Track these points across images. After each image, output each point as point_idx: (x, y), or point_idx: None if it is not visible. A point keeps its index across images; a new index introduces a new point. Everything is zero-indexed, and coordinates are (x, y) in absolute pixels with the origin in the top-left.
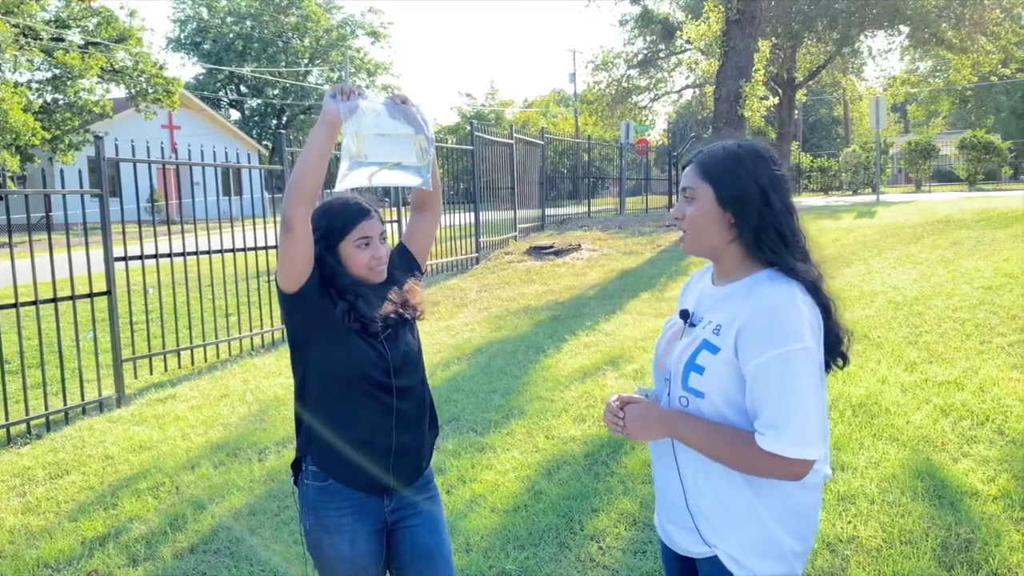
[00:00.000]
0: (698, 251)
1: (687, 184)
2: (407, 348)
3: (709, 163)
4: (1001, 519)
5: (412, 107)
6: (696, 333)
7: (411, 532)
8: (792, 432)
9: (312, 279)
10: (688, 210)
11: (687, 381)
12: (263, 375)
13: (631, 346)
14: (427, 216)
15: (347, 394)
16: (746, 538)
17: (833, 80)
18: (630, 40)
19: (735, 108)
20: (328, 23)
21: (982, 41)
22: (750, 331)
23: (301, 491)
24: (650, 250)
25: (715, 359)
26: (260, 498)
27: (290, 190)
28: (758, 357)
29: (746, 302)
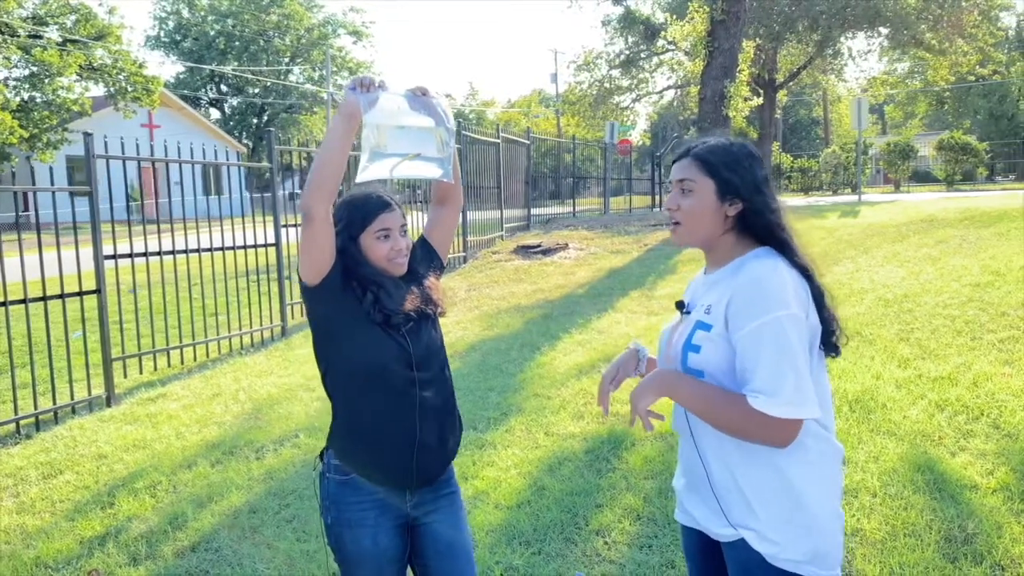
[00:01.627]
0: (691, 242)
1: (685, 176)
2: (429, 342)
3: (709, 157)
4: (1001, 511)
5: (433, 98)
6: (691, 318)
7: (433, 528)
8: (783, 393)
9: (334, 272)
10: (685, 202)
11: (686, 361)
12: (254, 374)
13: (625, 344)
14: (448, 209)
15: (370, 388)
16: (772, 511)
17: (813, 81)
18: (612, 40)
19: (720, 108)
20: (309, 22)
21: (960, 42)
22: (737, 302)
23: (322, 484)
24: (637, 249)
25: (709, 336)
26: (260, 496)
27: (310, 183)
28: (746, 326)
29: (733, 279)
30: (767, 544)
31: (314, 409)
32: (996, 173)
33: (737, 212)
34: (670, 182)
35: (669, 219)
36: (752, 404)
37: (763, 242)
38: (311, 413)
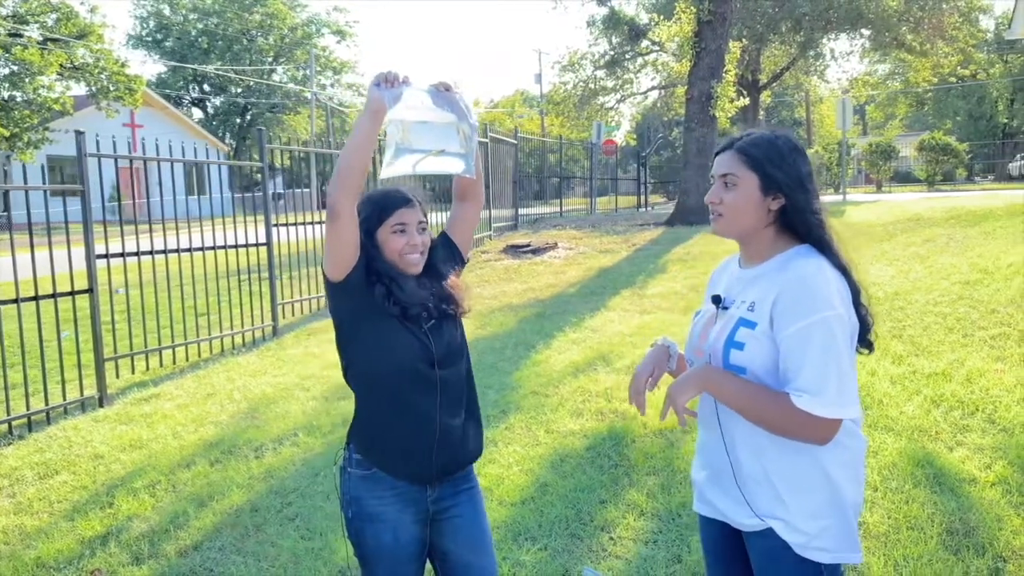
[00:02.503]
0: (730, 234)
1: (728, 170)
2: (451, 340)
3: (753, 151)
4: (1001, 504)
5: (456, 94)
6: (731, 313)
7: (454, 523)
8: (827, 393)
9: (358, 268)
10: (728, 196)
11: (728, 358)
12: (248, 374)
13: (620, 342)
14: (469, 205)
15: (392, 383)
16: (804, 502)
17: (796, 82)
18: (596, 41)
19: (707, 108)
20: (293, 21)
21: (941, 44)
22: (783, 301)
23: (343, 479)
24: (626, 248)
25: (753, 334)
26: (262, 495)
27: (336, 179)
28: (792, 325)
29: (778, 276)
30: (796, 534)
31: (311, 408)
32: (975, 173)
33: (779, 207)
34: (712, 176)
35: (711, 211)
36: (796, 403)
37: (802, 239)
38: (308, 412)
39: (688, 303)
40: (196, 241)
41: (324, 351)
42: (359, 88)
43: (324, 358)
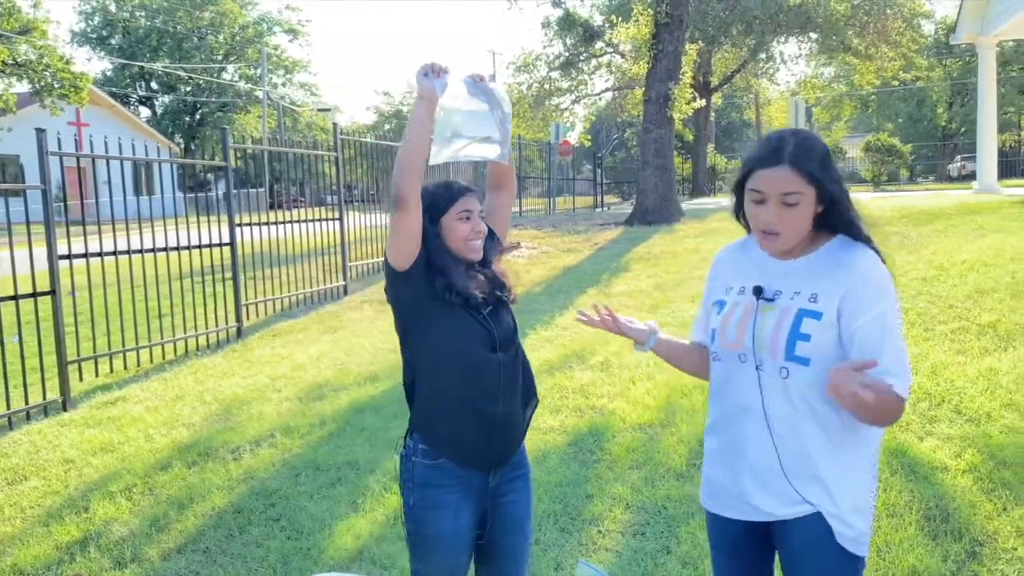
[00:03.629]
0: (787, 248)
1: (791, 189)
2: (507, 325)
3: (810, 165)
4: (973, 491)
5: (490, 84)
6: (784, 305)
7: (509, 507)
8: (906, 375)
9: (421, 257)
10: (789, 215)
11: (794, 350)
12: (216, 375)
13: (591, 340)
14: (504, 194)
15: (455, 371)
16: (852, 496)
17: (746, 84)
18: (551, 42)
19: (664, 110)
20: (244, 19)
21: (885, 48)
22: (856, 293)
23: (406, 467)
24: (588, 248)
25: (820, 324)
26: (243, 496)
27: (400, 168)
28: (867, 313)
29: (840, 269)
30: (843, 526)
31: (286, 409)
32: (917, 174)
33: (823, 212)
34: (756, 191)
35: (764, 229)
36: (895, 390)
37: (836, 230)
38: (283, 413)
39: (654, 301)
40: (151, 242)
41: (292, 352)
42: (312, 87)
43: (293, 359)
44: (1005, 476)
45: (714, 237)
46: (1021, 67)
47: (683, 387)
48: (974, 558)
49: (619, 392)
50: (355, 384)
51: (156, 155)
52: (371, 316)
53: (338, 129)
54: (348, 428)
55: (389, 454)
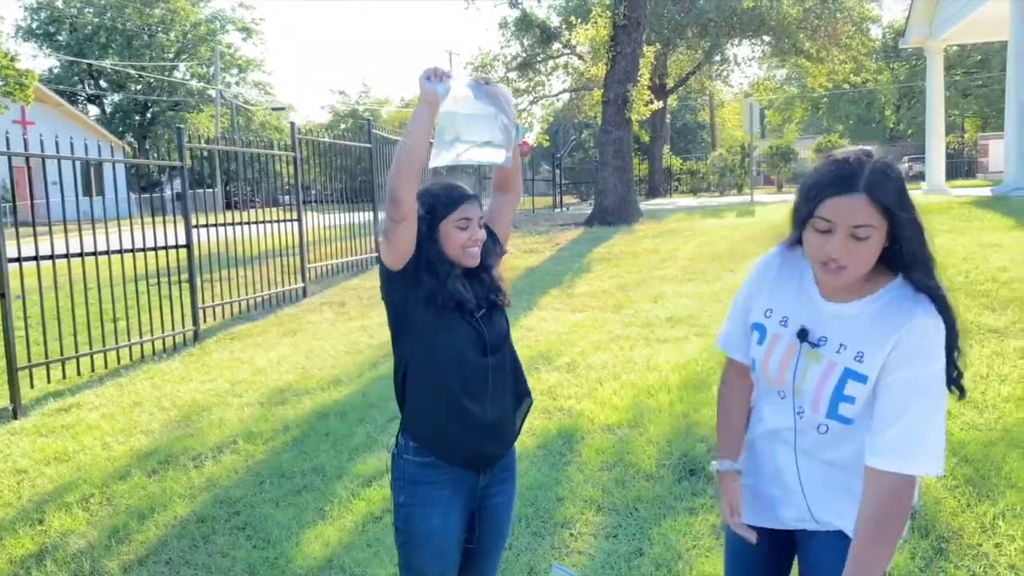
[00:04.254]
0: (847, 283)
1: (863, 222)
2: (500, 329)
3: (887, 198)
4: (937, 488)
5: (496, 87)
6: (828, 357)
7: (494, 509)
8: (919, 457)
9: (415, 258)
10: (857, 249)
11: (837, 411)
12: (174, 380)
13: (556, 341)
14: (510, 196)
15: (446, 372)
16: None
17: (701, 86)
18: (508, 43)
19: (623, 111)
20: (196, 17)
21: (836, 51)
22: (898, 353)
23: (397, 465)
24: (549, 248)
25: (864, 388)
26: (206, 505)
27: (399, 169)
28: (897, 373)
29: (891, 324)
30: None
31: (248, 415)
32: None
33: (891, 247)
34: (824, 220)
35: (826, 260)
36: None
37: (899, 269)
38: (245, 419)
39: (617, 302)
40: (103, 243)
41: (252, 356)
42: (266, 87)
43: (253, 363)
44: (967, 472)
45: (672, 238)
46: (964, 71)
47: (649, 388)
48: (941, 555)
49: (586, 393)
50: (318, 388)
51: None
52: (331, 319)
53: (296, 128)
54: (312, 433)
55: (356, 459)
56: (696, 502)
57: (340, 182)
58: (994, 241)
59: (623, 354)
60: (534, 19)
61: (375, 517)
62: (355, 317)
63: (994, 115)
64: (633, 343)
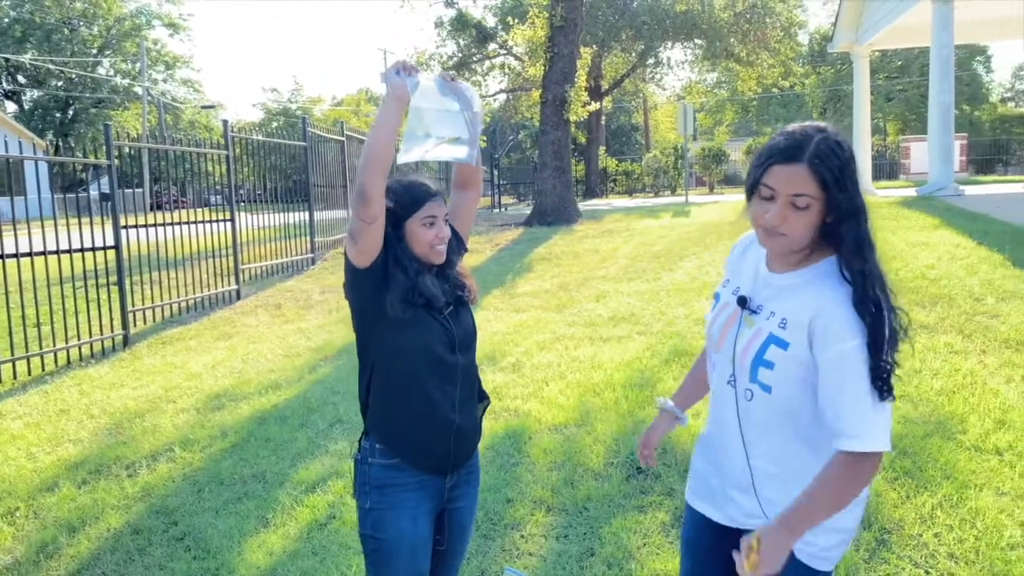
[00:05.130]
0: (788, 251)
1: (802, 190)
2: (467, 325)
3: (827, 172)
4: (878, 480)
5: (461, 84)
6: (759, 324)
7: (458, 512)
8: (866, 434)
9: (382, 254)
10: (795, 217)
11: (756, 375)
12: (103, 387)
13: (500, 341)
14: (470, 194)
15: (415, 370)
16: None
17: (635, 89)
18: (444, 42)
19: (561, 112)
20: (120, 11)
21: (765, 56)
22: (821, 323)
23: (361, 470)
24: (490, 248)
25: (785, 355)
26: (141, 516)
27: (367, 164)
28: (830, 350)
29: (814, 295)
30: (804, 544)
31: (183, 421)
32: None
33: (829, 223)
34: (768, 187)
35: (767, 228)
36: (847, 447)
37: (838, 248)
38: (181, 426)
39: (560, 301)
40: (26, 245)
41: (185, 360)
42: (195, 84)
43: (187, 368)
44: (906, 465)
45: (611, 238)
46: (886, 76)
47: (595, 386)
48: (884, 545)
49: (532, 393)
50: (256, 393)
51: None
52: (267, 321)
53: (229, 126)
54: (252, 439)
55: (298, 465)
56: (645, 500)
57: (274, 181)
58: (921, 240)
59: (567, 353)
60: (470, 19)
61: (320, 524)
62: (292, 319)
63: (914, 118)
64: (577, 342)
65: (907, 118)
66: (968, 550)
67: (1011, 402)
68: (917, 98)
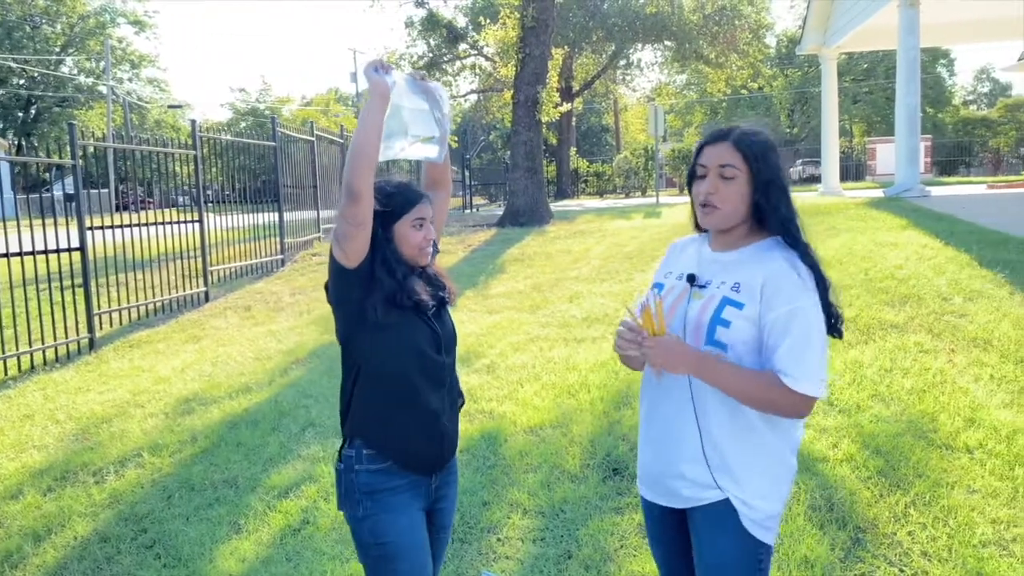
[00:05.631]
0: (723, 226)
1: (727, 162)
2: (450, 327)
3: (749, 147)
4: (852, 479)
5: (431, 83)
6: (711, 293)
7: (441, 513)
8: (810, 372)
9: (369, 257)
10: (725, 188)
11: (713, 335)
12: (69, 391)
13: (475, 343)
14: (442, 193)
15: (405, 371)
16: (759, 482)
17: (605, 90)
18: (414, 42)
19: (533, 113)
20: (84, 9)
21: (734, 58)
22: (772, 285)
23: (348, 479)
24: (462, 249)
25: (740, 314)
26: (110, 523)
27: (355, 161)
28: (780, 308)
29: (762, 264)
30: (748, 509)
31: (152, 426)
32: None
33: (758, 200)
34: (701, 165)
35: (703, 202)
36: (789, 383)
37: (772, 232)
38: (149, 431)
39: (533, 302)
40: None
41: (153, 364)
42: (161, 83)
43: (155, 372)
44: (879, 464)
45: (584, 238)
46: (852, 78)
47: (570, 387)
48: (859, 544)
49: (507, 395)
50: (226, 396)
51: None
52: (237, 323)
53: (197, 126)
54: (223, 444)
55: (270, 470)
56: (622, 501)
57: (243, 182)
58: (890, 240)
59: (542, 354)
60: (441, 19)
61: (294, 529)
62: (262, 322)
63: (879, 120)
64: (552, 343)
65: (873, 120)
66: (941, 548)
67: (980, 400)
68: (883, 100)
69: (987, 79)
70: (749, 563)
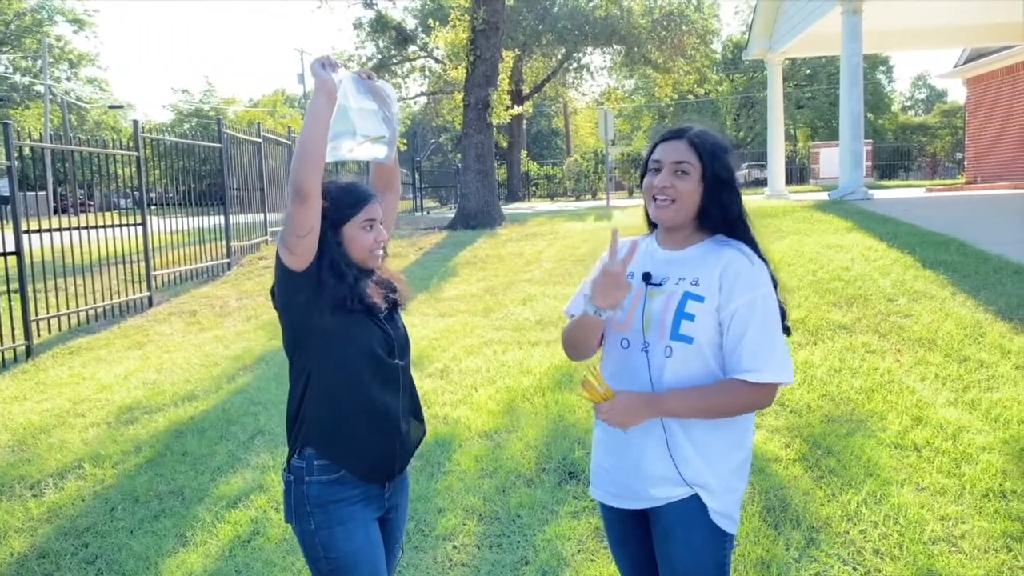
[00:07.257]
0: (676, 221)
1: (682, 158)
2: (402, 330)
3: (703, 144)
4: (805, 479)
5: (379, 83)
6: (671, 289)
7: (392, 523)
8: (774, 359)
9: (317, 260)
10: (680, 183)
11: (678, 329)
12: (4, 401)
13: (428, 347)
14: (391, 194)
15: (358, 376)
16: (720, 468)
17: (555, 93)
18: (363, 44)
19: (484, 115)
20: (20, 6)
21: (681, 63)
22: (729, 276)
23: (297, 492)
24: (413, 252)
25: (703, 307)
26: (48, 538)
27: (302, 159)
28: (739, 298)
29: (718, 257)
30: (716, 501)
31: (93, 436)
32: None
33: (708, 198)
34: (656, 160)
35: (657, 196)
36: (756, 377)
37: (717, 230)
38: (90, 441)
39: (486, 305)
40: None
41: (94, 371)
42: (101, 83)
43: (96, 379)
44: (830, 464)
45: (536, 241)
46: (796, 84)
47: (524, 390)
48: (813, 544)
49: (461, 399)
50: (171, 404)
51: None
52: (181, 329)
53: (139, 127)
54: (168, 454)
55: (218, 480)
56: (578, 505)
57: (187, 184)
58: (836, 242)
59: (496, 358)
60: (389, 21)
61: (243, 541)
62: (208, 327)
63: (822, 125)
64: (505, 346)
65: (816, 125)
66: (893, 545)
67: (926, 400)
68: (826, 106)
69: (924, 86)
70: (719, 557)
